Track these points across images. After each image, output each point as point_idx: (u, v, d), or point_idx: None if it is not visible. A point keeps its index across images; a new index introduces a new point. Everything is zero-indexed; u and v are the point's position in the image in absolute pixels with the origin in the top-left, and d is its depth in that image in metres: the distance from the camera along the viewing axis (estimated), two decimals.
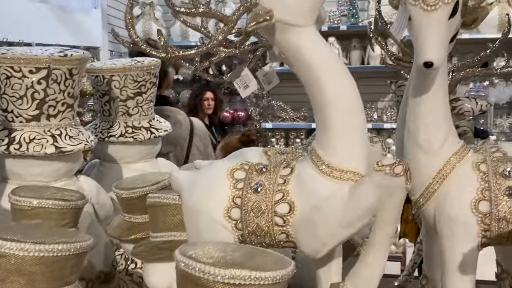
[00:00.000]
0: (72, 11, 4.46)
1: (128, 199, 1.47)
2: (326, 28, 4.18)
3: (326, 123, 1.03)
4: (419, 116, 1.08)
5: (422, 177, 1.09)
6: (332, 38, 4.23)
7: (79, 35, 4.37)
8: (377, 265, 0.98)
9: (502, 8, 3.93)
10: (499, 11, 3.95)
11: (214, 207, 1.07)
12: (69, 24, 4.23)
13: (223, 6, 4.32)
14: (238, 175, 1.09)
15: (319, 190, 1.00)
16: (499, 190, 1.01)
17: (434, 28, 0.99)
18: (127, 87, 1.90)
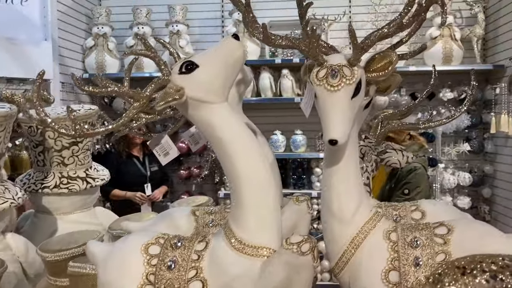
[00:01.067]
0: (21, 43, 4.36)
1: (52, 262, 1.43)
2: (279, 60, 4.25)
3: (238, 198, 1.04)
4: (332, 186, 1.10)
5: (337, 245, 1.11)
6: (285, 70, 4.29)
7: (29, 68, 4.26)
8: None
9: (445, 42, 4.09)
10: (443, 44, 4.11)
11: (127, 284, 1.05)
12: (18, 56, 4.11)
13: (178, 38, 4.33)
14: (152, 251, 1.08)
15: (231, 268, 1.01)
16: (407, 260, 1.04)
17: (337, 107, 1.02)
18: (62, 138, 1.86)
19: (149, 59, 1.21)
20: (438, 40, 4.15)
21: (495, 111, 4.12)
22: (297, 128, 4.37)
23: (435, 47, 4.10)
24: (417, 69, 4.10)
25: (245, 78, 1.30)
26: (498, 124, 3.84)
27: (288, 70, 4.37)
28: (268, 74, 4.20)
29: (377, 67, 1.10)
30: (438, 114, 4.34)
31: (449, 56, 4.16)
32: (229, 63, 1.06)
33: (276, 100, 4.24)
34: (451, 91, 4.27)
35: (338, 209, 1.10)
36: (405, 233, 1.08)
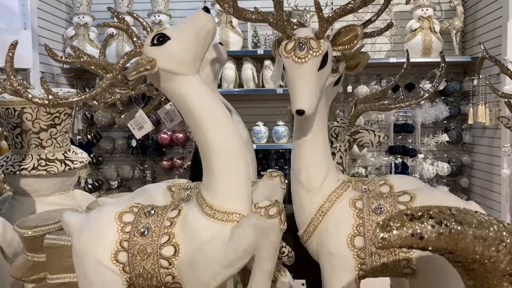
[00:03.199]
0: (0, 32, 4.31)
1: (30, 238, 1.45)
2: (262, 51, 4.27)
3: (209, 167, 1.07)
4: (300, 157, 1.14)
5: (305, 214, 1.14)
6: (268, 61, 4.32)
7: None
8: None
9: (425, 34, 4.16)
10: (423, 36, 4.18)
11: (101, 251, 1.08)
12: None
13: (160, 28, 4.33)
14: (126, 218, 1.10)
15: (202, 232, 1.04)
16: (372, 226, 1.08)
17: (304, 79, 1.06)
18: (39, 119, 1.87)
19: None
20: (417, 32, 4.22)
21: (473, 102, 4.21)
22: (280, 119, 4.40)
23: (415, 39, 4.17)
24: (397, 60, 4.16)
25: (220, 57, 1.33)
26: (476, 115, 3.93)
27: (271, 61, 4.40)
28: (250, 65, 4.22)
29: (343, 40, 1.14)
30: (418, 105, 4.42)
31: (429, 48, 4.23)
32: (200, 35, 1.09)
33: (258, 91, 4.26)
34: (430, 82, 4.35)
35: (306, 179, 1.14)
36: (370, 201, 1.12)
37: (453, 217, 0.69)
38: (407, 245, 0.66)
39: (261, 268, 1.01)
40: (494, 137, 3.82)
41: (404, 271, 1.07)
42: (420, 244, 0.66)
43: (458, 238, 0.68)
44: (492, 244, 0.70)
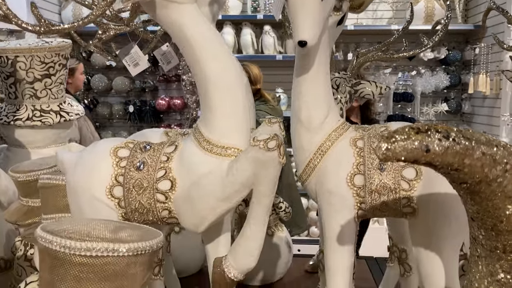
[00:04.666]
0: None
1: (24, 183, 1.42)
2: (261, 16, 4.19)
3: (207, 101, 1.04)
4: (301, 94, 1.11)
5: (304, 153, 1.12)
6: (267, 27, 4.25)
7: None
8: (255, 238, 1.01)
9: (427, 1, 4.09)
10: (425, 3, 4.11)
11: (96, 186, 1.06)
12: None
13: None
14: (121, 153, 1.08)
15: (199, 167, 1.02)
16: (372, 164, 1.06)
17: (307, 9, 1.02)
18: (33, 69, 1.83)
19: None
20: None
21: (474, 72, 4.16)
22: (279, 87, 4.36)
23: (418, 5, 4.10)
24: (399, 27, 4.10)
25: None
26: (476, 84, 3.90)
27: (270, 26, 4.33)
28: (249, 30, 4.15)
29: None
30: (418, 74, 4.37)
31: (431, 16, 4.16)
32: None
33: (257, 57, 4.20)
34: (432, 51, 4.29)
35: (306, 117, 1.11)
36: (371, 140, 1.10)
37: (461, 133, 0.66)
38: (412, 159, 0.64)
39: (259, 203, 0.99)
40: (493, 107, 3.80)
41: (404, 210, 1.05)
42: (426, 157, 0.64)
43: (466, 153, 0.65)
44: (500, 163, 0.68)
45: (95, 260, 0.76)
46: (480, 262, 0.84)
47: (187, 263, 1.99)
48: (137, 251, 0.79)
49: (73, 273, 0.76)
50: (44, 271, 0.79)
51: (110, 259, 0.77)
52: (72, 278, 0.76)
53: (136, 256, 0.79)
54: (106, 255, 0.76)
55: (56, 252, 0.76)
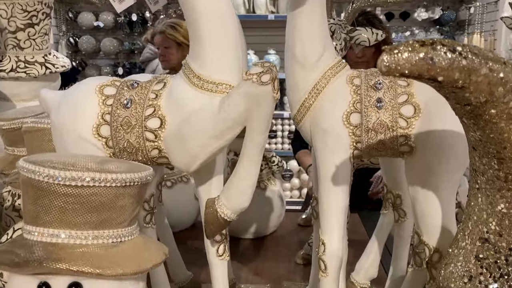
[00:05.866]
0: None
1: (9, 131, 1.38)
2: None
3: (197, 34, 0.98)
4: (296, 29, 1.06)
5: (299, 92, 1.08)
6: None
7: None
8: (248, 176, 0.98)
9: None
10: None
11: (82, 125, 1.01)
12: None
13: None
14: (107, 91, 1.03)
15: (189, 103, 0.97)
16: (369, 102, 1.02)
17: None
18: (15, 18, 1.75)
19: None
20: None
21: (468, 32, 4.11)
22: (271, 48, 4.28)
23: None
24: None
25: None
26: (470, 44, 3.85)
27: None
28: None
29: None
30: (412, 34, 4.31)
31: None
32: None
33: (248, 17, 4.11)
34: (426, 11, 4.22)
35: (301, 53, 1.06)
36: (368, 77, 1.06)
37: (468, 48, 0.63)
38: (416, 72, 0.60)
39: (253, 140, 0.96)
40: None
41: (401, 149, 1.03)
42: (430, 71, 0.60)
43: (472, 68, 0.62)
44: (507, 81, 0.65)
45: (80, 190, 0.72)
46: (479, 195, 0.82)
47: (180, 217, 1.98)
48: (125, 182, 0.75)
49: (58, 204, 0.72)
50: (28, 204, 0.75)
51: (96, 190, 0.73)
52: (57, 210, 0.73)
53: (125, 188, 0.76)
54: (92, 185, 0.73)
55: (40, 183, 0.73)
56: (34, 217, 0.74)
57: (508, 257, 0.78)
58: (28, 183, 0.74)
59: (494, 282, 0.79)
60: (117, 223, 0.76)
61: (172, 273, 1.54)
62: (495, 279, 0.79)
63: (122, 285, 0.75)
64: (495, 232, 0.80)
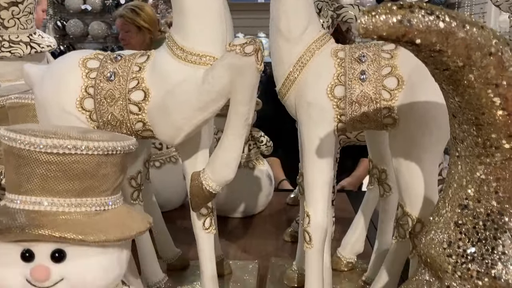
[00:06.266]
0: None
1: None
2: None
3: (180, 6, 0.98)
4: (280, 3, 1.06)
5: (284, 65, 1.08)
6: None
7: None
8: (232, 148, 0.98)
9: None
10: None
11: (66, 99, 1.01)
12: None
13: None
14: (91, 64, 1.02)
15: (173, 75, 0.97)
16: (353, 74, 1.03)
17: None
18: None
19: None
20: None
21: None
22: (261, 31, 4.26)
23: None
24: None
25: None
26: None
27: None
28: None
29: None
30: None
31: None
32: None
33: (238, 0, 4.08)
34: None
35: (285, 27, 1.06)
36: (353, 50, 1.06)
37: (445, 11, 0.63)
38: (394, 35, 0.60)
39: (237, 112, 0.96)
40: None
41: (385, 121, 1.03)
42: (408, 34, 0.60)
43: (450, 31, 0.62)
44: (484, 45, 0.65)
45: (62, 158, 0.72)
46: (459, 162, 0.83)
47: (169, 197, 1.98)
48: (108, 151, 0.75)
49: (40, 172, 0.72)
50: (10, 173, 0.75)
51: (78, 158, 0.73)
52: (39, 177, 0.73)
53: (107, 156, 0.76)
54: (74, 153, 0.73)
55: (21, 151, 0.73)
56: (16, 186, 0.74)
57: (485, 222, 0.80)
58: (10, 152, 0.74)
59: (472, 246, 0.81)
60: (100, 192, 0.77)
61: (160, 250, 1.55)
62: (473, 243, 0.81)
63: (106, 252, 0.76)
64: (473, 199, 0.81)
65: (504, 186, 0.78)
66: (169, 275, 1.46)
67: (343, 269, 1.49)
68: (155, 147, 1.99)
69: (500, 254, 0.78)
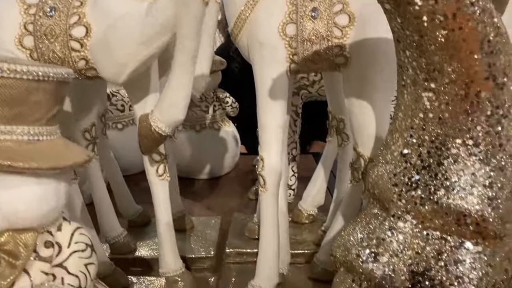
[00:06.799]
0: None
1: None
2: None
3: None
4: None
5: (235, 4, 1.05)
6: None
7: None
8: (181, 87, 0.95)
9: None
10: None
11: (4, 37, 0.96)
12: None
13: None
14: (30, 0, 0.98)
15: (115, 9, 0.93)
16: (305, 12, 1.00)
17: None
18: None
19: None
20: None
21: None
22: None
23: None
24: None
25: None
26: None
27: None
28: None
29: None
30: None
31: None
32: None
33: None
34: None
35: None
36: None
37: None
38: None
39: (183, 48, 0.92)
40: None
41: (337, 60, 1.02)
42: None
43: None
44: None
45: None
46: (405, 91, 0.82)
47: (132, 160, 1.95)
48: (38, 76, 0.72)
49: None
50: None
51: (6, 81, 0.69)
52: None
53: (38, 82, 0.72)
54: (0, 76, 0.69)
55: None
56: None
57: (430, 149, 0.80)
58: None
59: (416, 174, 0.81)
60: (33, 120, 0.73)
61: (120, 207, 1.52)
62: (418, 171, 0.80)
63: (40, 182, 0.73)
64: (419, 127, 0.81)
65: (448, 111, 0.77)
66: (130, 231, 1.44)
67: (304, 221, 1.49)
68: (117, 109, 1.95)
69: (442, 179, 0.78)
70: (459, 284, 0.76)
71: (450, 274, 0.76)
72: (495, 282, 0.77)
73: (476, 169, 0.76)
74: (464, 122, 0.76)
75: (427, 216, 0.79)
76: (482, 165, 0.76)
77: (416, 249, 0.79)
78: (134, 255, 1.36)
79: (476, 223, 0.76)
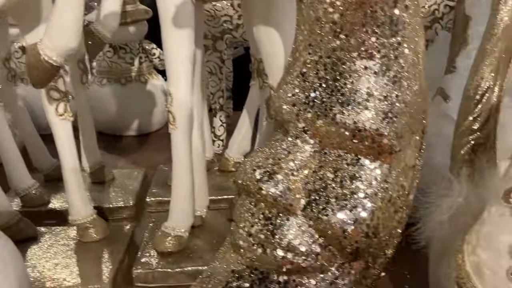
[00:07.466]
0: None
1: None
2: None
3: None
4: None
5: None
6: None
7: None
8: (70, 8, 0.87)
9: None
10: None
11: None
12: None
13: None
14: None
15: None
16: None
17: None
18: None
19: None
20: None
21: None
22: None
23: None
24: None
25: None
26: None
27: None
28: None
29: None
30: None
31: None
32: None
33: None
34: None
35: None
36: None
37: None
38: None
39: None
40: None
41: None
42: None
43: None
44: None
45: None
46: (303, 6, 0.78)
47: None
48: None
49: None
50: None
51: None
52: None
53: None
54: None
55: None
56: None
57: (326, 65, 0.77)
58: None
59: (313, 91, 0.78)
60: None
61: (34, 161, 1.44)
62: (315, 89, 0.78)
63: None
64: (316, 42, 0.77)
65: (343, 23, 0.74)
66: (45, 186, 1.37)
67: (231, 169, 1.46)
68: None
69: (338, 95, 0.76)
70: (354, 200, 0.74)
71: (345, 190, 0.74)
72: (390, 197, 0.76)
73: (371, 83, 0.74)
74: (358, 34, 0.73)
75: (324, 134, 0.76)
76: (377, 78, 0.74)
77: (313, 168, 0.77)
78: (47, 207, 1.29)
79: (372, 138, 0.74)
